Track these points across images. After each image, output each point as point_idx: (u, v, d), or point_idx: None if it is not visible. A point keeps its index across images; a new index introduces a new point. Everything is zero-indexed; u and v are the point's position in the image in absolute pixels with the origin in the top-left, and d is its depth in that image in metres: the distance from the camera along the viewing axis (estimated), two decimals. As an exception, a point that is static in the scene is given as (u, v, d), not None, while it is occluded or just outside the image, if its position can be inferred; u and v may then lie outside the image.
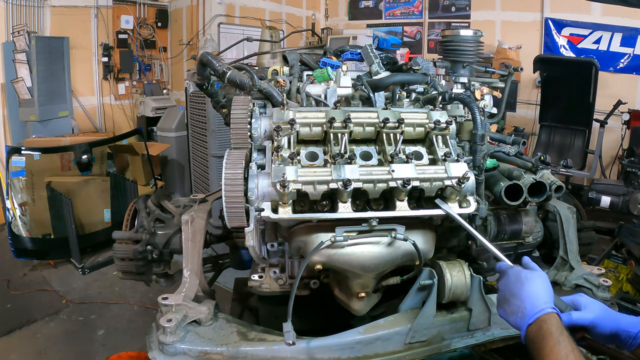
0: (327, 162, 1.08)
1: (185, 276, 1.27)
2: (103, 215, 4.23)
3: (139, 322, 3.12)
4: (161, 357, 1.08)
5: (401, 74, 1.41)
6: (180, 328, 1.10)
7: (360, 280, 1.14)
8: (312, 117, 1.14)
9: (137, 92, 6.19)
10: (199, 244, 1.33)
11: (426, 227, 1.15)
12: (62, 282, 3.66)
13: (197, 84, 1.58)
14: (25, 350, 2.80)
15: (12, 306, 3.30)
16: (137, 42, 6.08)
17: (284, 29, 6.23)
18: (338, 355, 1.11)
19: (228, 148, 1.12)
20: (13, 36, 4.66)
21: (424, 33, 6.63)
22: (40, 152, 4.01)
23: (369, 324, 1.15)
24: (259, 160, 1.12)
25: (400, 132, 1.13)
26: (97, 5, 5.45)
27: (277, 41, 3.25)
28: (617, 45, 5.19)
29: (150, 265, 1.49)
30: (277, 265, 1.31)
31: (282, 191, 0.98)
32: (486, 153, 1.20)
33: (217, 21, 5.66)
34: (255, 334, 1.14)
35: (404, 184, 1.01)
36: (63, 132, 4.94)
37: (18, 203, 3.98)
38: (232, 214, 1.02)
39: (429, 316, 1.14)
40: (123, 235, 1.48)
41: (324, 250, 1.07)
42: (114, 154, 4.69)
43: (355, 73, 1.43)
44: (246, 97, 1.20)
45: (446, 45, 1.48)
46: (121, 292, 3.52)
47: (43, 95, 4.76)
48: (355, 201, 1.07)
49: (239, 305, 1.68)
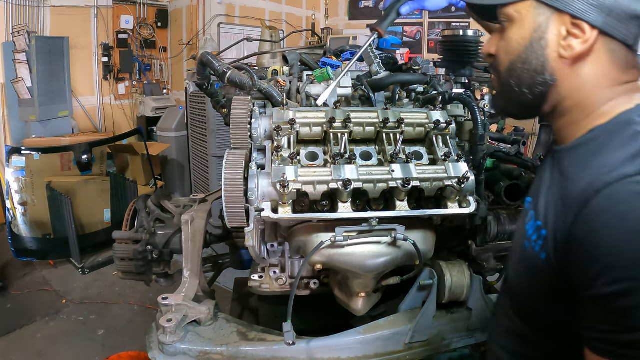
0: (327, 162, 1.08)
1: (185, 276, 1.27)
2: (103, 215, 4.23)
3: (139, 322, 3.12)
4: (161, 357, 1.08)
5: (401, 74, 1.41)
6: (180, 328, 1.10)
7: (360, 280, 1.14)
8: (312, 117, 1.14)
9: (137, 92, 6.18)
10: (199, 244, 1.33)
11: (426, 227, 1.15)
12: (62, 282, 3.66)
13: (197, 84, 1.58)
14: (25, 350, 2.80)
15: (12, 306, 3.30)
16: (137, 42, 6.08)
17: (284, 29, 6.23)
18: (338, 355, 1.11)
19: (228, 148, 1.12)
20: (13, 36, 4.66)
21: (424, 33, 6.63)
22: (40, 152, 4.01)
23: (369, 324, 1.15)
24: (259, 160, 1.12)
25: (401, 132, 1.13)
26: (97, 5, 5.45)
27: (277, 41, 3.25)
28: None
29: (150, 265, 1.49)
30: (277, 265, 1.31)
31: (282, 191, 0.98)
32: (486, 153, 1.20)
33: (217, 21, 5.65)
34: (255, 334, 1.14)
35: (404, 184, 1.01)
36: (63, 132, 4.94)
37: (18, 203, 3.98)
38: (232, 214, 1.02)
39: (429, 316, 1.14)
40: (123, 235, 1.48)
41: (324, 250, 1.07)
42: (114, 154, 4.68)
43: (355, 73, 1.43)
44: (246, 97, 1.20)
45: (446, 45, 1.48)
46: (121, 292, 3.52)
47: (43, 95, 4.75)
48: (355, 201, 1.07)
49: (239, 305, 1.68)
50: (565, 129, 0.77)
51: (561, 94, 0.75)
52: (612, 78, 0.72)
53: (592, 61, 0.72)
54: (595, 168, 0.66)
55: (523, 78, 0.76)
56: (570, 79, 0.73)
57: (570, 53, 0.71)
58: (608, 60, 0.72)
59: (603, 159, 0.66)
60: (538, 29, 0.73)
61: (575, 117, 0.75)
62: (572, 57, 0.72)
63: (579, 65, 0.72)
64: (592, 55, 0.71)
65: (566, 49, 0.71)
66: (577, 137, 0.74)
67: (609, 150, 0.66)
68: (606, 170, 0.63)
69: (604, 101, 0.73)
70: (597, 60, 0.72)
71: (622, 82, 0.73)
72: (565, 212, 0.67)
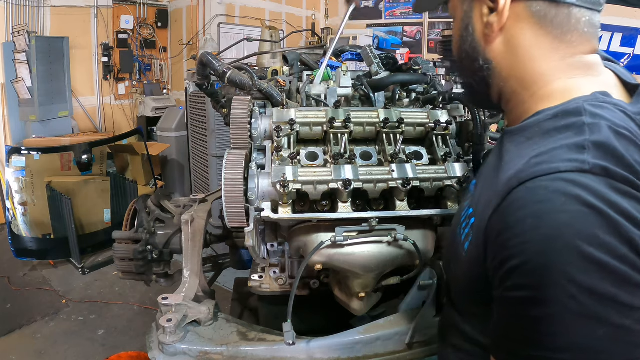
0: (327, 162, 1.08)
1: (185, 276, 1.27)
2: (103, 215, 4.23)
3: (139, 322, 3.12)
4: (161, 357, 1.08)
5: (401, 74, 1.40)
6: (180, 328, 1.10)
7: (360, 280, 1.14)
8: (312, 116, 1.14)
9: (137, 92, 6.18)
10: (199, 244, 1.33)
11: (426, 227, 1.15)
12: (62, 282, 3.66)
13: (197, 84, 1.58)
14: (25, 350, 2.80)
15: (12, 306, 3.30)
16: (137, 42, 6.08)
17: (284, 29, 6.23)
18: (338, 355, 1.11)
19: (228, 148, 1.12)
20: (13, 36, 4.66)
21: (424, 33, 6.63)
22: (40, 152, 4.01)
23: (369, 324, 1.15)
24: (259, 160, 1.12)
25: (401, 132, 1.13)
26: (97, 5, 5.45)
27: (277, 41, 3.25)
28: (617, 45, 5.19)
29: (150, 265, 1.49)
30: (277, 265, 1.31)
31: (282, 191, 0.98)
32: (486, 153, 1.20)
33: (217, 21, 5.65)
34: (255, 334, 1.14)
35: (404, 184, 1.01)
36: (63, 132, 4.94)
37: (18, 203, 3.98)
38: (232, 214, 1.02)
39: (429, 316, 1.14)
40: (123, 235, 1.48)
41: (324, 250, 1.06)
42: (114, 154, 4.69)
43: (355, 73, 1.43)
44: (246, 97, 1.20)
45: (446, 45, 1.48)
46: (121, 292, 3.52)
47: (43, 95, 4.76)
48: (355, 201, 1.07)
49: (239, 305, 1.68)
50: (514, 112, 0.71)
51: (501, 76, 0.69)
52: (550, 47, 0.64)
53: (518, 32, 0.65)
54: (528, 157, 0.57)
55: (465, 68, 0.75)
56: (505, 57, 0.67)
57: (491, 30, 0.66)
58: (536, 25, 0.64)
59: (539, 148, 0.57)
60: (465, 16, 0.71)
61: (521, 98, 0.68)
62: (495, 33, 0.66)
63: (507, 40, 0.66)
64: (516, 25, 0.65)
65: (488, 27, 0.67)
66: (523, 119, 0.66)
67: (548, 140, 0.57)
68: (538, 160, 0.55)
69: (549, 77, 0.64)
70: (523, 28, 0.64)
71: (569, 53, 0.64)
72: (490, 201, 0.59)
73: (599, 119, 0.55)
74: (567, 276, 0.48)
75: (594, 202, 0.48)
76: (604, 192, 0.49)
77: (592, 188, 0.49)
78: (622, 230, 0.48)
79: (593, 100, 0.58)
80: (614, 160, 0.51)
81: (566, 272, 0.48)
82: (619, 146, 0.52)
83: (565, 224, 0.49)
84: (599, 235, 0.48)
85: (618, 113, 0.57)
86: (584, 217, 0.48)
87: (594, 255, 0.47)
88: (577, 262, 0.48)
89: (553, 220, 0.50)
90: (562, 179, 0.51)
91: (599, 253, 0.47)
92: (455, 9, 0.73)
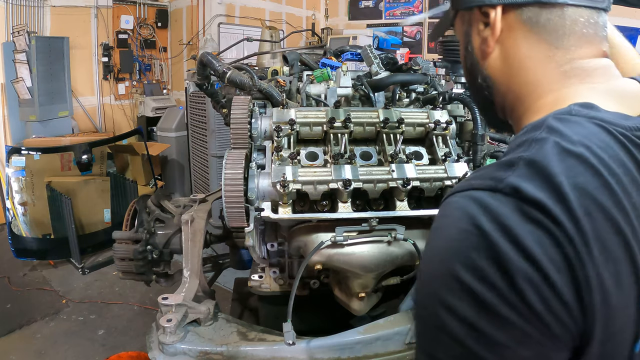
0: (327, 162, 1.08)
1: (185, 276, 1.27)
2: (103, 215, 4.23)
3: (139, 322, 3.12)
4: (161, 357, 1.08)
5: (401, 74, 1.41)
6: (180, 328, 1.10)
7: (360, 280, 1.14)
8: (312, 116, 1.14)
9: (137, 92, 6.18)
10: (199, 244, 1.33)
11: (426, 227, 1.15)
12: (62, 282, 3.65)
13: (197, 84, 1.59)
14: (25, 350, 2.80)
15: (12, 306, 3.30)
16: (137, 42, 6.08)
17: (284, 29, 6.23)
18: (338, 355, 1.11)
19: (228, 148, 1.12)
20: (13, 36, 4.66)
21: (424, 33, 6.63)
22: (40, 152, 4.01)
23: (369, 324, 1.15)
24: (259, 160, 1.12)
25: (401, 132, 1.13)
26: (97, 5, 5.45)
27: (277, 41, 3.25)
28: (617, 45, 5.19)
29: (150, 265, 1.49)
30: (277, 265, 1.31)
31: (282, 191, 0.98)
32: (486, 153, 1.20)
33: (217, 21, 5.65)
34: (255, 334, 1.14)
35: (404, 184, 1.01)
36: (63, 132, 4.94)
37: (18, 203, 3.98)
38: (232, 214, 1.02)
39: (429, 316, 1.14)
40: (123, 235, 1.48)
41: (324, 250, 1.07)
42: (114, 154, 4.68)
43: (355, 73, 1.43)
44: (246, 97, 1.20)
45: (446, 45, 1.48)
46: (121, 292, 3.52)
47: (43, 95, 4.75)
48: (355, 201, 1.07)
49: (239, 305, 1.68)
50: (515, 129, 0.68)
51: (500, 91, 0.66)
52: (544, 55, 0.59)
53: (512, 43, 0.61)
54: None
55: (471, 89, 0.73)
56: (502, 72, 0.64)
57: (487, 45, 0.64)
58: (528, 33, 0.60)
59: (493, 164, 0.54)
60: (466, 36, 0.69)
61: (517, 114, 0.65)
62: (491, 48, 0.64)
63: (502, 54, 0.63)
64: (510, 36, 0.61)
65: (484, 43, 0.64)
66: None
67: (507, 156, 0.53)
68: (471, 176, 0.53)
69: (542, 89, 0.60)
70: (516, 39, 0.61)
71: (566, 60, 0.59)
72: None
73: (553, 134, 0.49)
74: (434, 289, 0.49)
75: (483, 224, 0.46)
76: (503, 214, 0.45)
77: (491, 208, 0.46)
78: (502, 258, 0.44)
79: (562, 114, 0.53)
80: (538, 181, 0.46)
81: (433, 286, 0.49)
82: (555, 166, 0.46)
83: (450, 240, 0.48)
84: (474, 258, 0.45)
85: (589, 128, 0.50)
86: (467, 237, 0.46)
87: (462, 277, 0.45)
88: (445, 279, 0.47)
89: (442, 235, 0.50)
90: (469, 196, 0.49)
91: (467, 275, 0.45)
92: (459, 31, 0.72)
